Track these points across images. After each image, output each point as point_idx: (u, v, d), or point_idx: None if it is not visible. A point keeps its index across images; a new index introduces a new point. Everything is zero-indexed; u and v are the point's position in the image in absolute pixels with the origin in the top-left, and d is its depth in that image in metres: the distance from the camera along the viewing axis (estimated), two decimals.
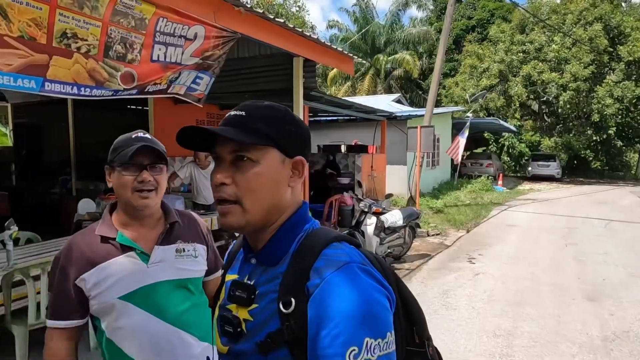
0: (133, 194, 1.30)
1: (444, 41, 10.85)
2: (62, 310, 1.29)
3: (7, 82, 2.85)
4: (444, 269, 6.06)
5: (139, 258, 1.33)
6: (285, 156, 0.83)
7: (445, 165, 16.74)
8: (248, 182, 0.79)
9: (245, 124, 0.80)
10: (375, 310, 0.71)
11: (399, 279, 0.89)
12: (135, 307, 1.29)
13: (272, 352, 0.75)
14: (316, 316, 0.71)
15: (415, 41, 26.52)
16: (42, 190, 8.49)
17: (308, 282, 0.74)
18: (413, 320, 0.88)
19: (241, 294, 0.82)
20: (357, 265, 0.75)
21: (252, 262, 0.86)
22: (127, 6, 3.33)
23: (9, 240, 3.10)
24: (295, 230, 0.84)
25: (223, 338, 0.85)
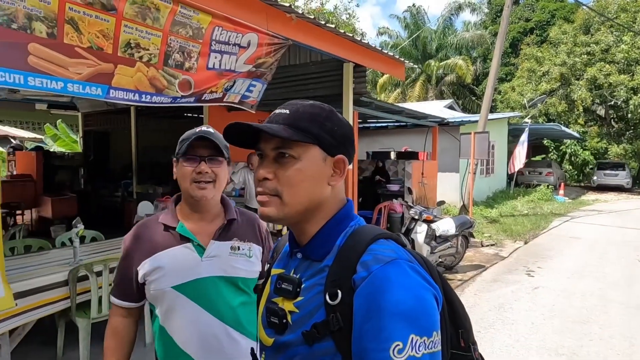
0: (191, 185, 1.34)
1: (500, 44, 10.43)
2: (122, 291, 1.39)
3: (77, 89, 3.04)
4: (499, 282, 5.75)
5: (195, 250, 1.35)
6: (327, 154, 0.84)
7: (500, 173, 16.01)
8: (289, 177, 0.81)
9: (289, 121, 0.82)
10: (423, 307, 0.71)
11: (445, 281, 0.88)
12: (186, 299, 1.32)
13: (317, 342, 0.76)
14: (362, 309, 0.71)
15: (469, 46, 25.76)
16: (107, 193, 9.06)
17: (355, 275, 0.74)
18: (459, 324, 0.87)
19: (287, 287, 0.84)
20: (404, 261, 0.75)
21: (298, 257, 0.88)
22: (186, 16, 3.48)
23: (75, 238, 3.31)
24: (340, 226, 0.85)
25: (268, 330, 0.87)
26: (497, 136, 15.03)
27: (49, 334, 3.50)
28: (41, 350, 3.48)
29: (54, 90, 2.90)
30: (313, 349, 0.76)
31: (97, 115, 9.94)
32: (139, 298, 1.39)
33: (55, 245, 4.09)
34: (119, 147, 9.84)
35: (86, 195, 8.91)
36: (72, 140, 12.48)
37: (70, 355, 3.38)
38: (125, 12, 3.09)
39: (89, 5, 2.89)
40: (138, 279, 1.34)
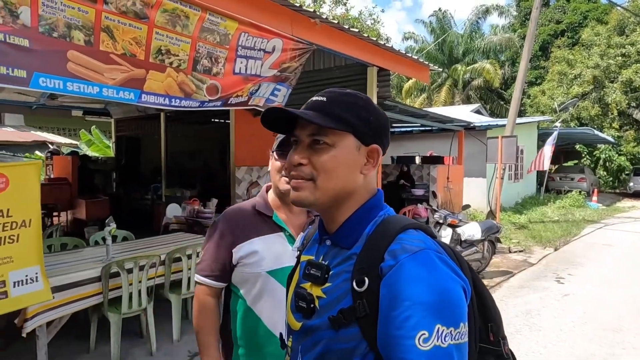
0: (280, 179, 1.40)
1: (529, 47, 10.22)
2: (210, 270, 1.43)
3: (111, 94, 3.19)
4: (527, 288, 5.62)
5: (286, 240, 1.43)
6: (361, 143, 0.85)
7: (530, 178, 15.61)
8: (323, 163, 0.82)
9: (325, 109, 0.83)
10: (450, 298, 0.71)
11: (475, 274, 0.87)
12: (278, 283, 1.39)
13: (343, 327, 0.76)
14: (388, 296, 0.72)
15: (497, 49, 25.33)
16: (137, 196, 9.35)
17: (382, 263, 0.75)
18: (488, 317, 0.86)
19: (315, 273, 0.85)
20: (433, 252, 0.75)
21: (327, 244, 0.89)
22: (214, 23, 3.60)
23: (108, 236, 3.45)
24: (370, 214, 0.86)
25: (297, 314, 0.88)
26: (526, 141, 14.68)
27: (83, 329, 3.65)
28: (75, 344, 3.63)
29: (90, 94, 3.05)
30: (339, 334, 0.77)
31: (129, 121, 10.30)
32: (226, 279, 1.44)
33: (89, 244, 4.27)
34: (149, 151, 10.15)
35: (118, 197, 9.22)
36: (105, 145, 12.96)
37: (102, 349, 3.51)
38: (156, 20, 3.23)
39: (123, 14, 3.04)
40: (232, 260, 1.40)
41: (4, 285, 2.41)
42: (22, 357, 3.32)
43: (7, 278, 2.42)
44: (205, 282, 1.43)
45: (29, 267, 2.53)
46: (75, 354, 3.52)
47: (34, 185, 2.57)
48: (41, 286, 2.61)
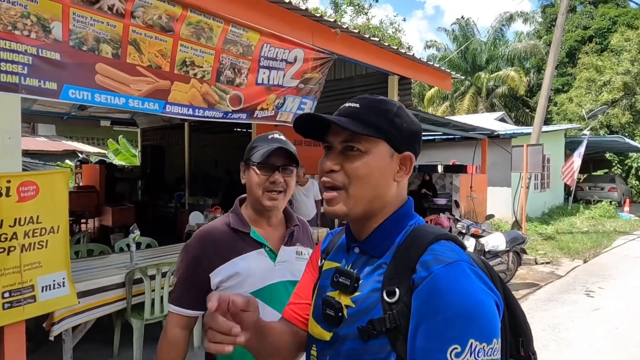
0: (264, 194, 1.33)
1: (555, 53, 10.01)
2: (186, 299, 1.32)
3: (137, 105, 3.27)
4: (554, 301, 5.43)
5: (267, 255, 1.36)
6: (394, 151, 0.84)
7: (557, 188, 15.18)
8: (356, 170, 0.81)
9: (358, 115, 0.82)
10: (484, 312, 0.68)
11: (506, 287, 0.84)
12: (263, 304, 1.28)
13: (372, 338, 0.75)
14: (420, 308, 0.70)
15: (522, 56, 24.90)
16: (161, 204, 9.55)
17: (414, 275, 0.73)
18: (520, 332, 0.84)
19: (345, 281, 0.83)
20: (467, 264, 0.73)
21: (356, 252, 0.87)
22: (236, 35, 3.67)
23: (132, 243, 3.53)
24: (401, 223, 0.84)
25: (323, 324, 0.86)
26: (553, 149, 14.31)
27: (107, 334, 3.73)
28: (99, 349, 3.71)
29: (117, 105, 3.14)
30: (367, 345, 0.75)
31: (154, 130, 10.57)
32: (203, 306, 1.31)
33: (115, 250, 4.38)
34: (173, 160, 10.37)
35: (143, 205, 9.43)
36: (131, 154, 13.31)
37: (125, 354, 3.57)
38: (181, 33, 3.32)
39: (149, 27, 3.14)
40: (211, 285, 1.30)
41: (32, 290, 2.49)
42: None
43: (36, 283, 2.50)
44: (179, 311, 1.31)
45: (56, 272, 2.61)
46: (99, 358, 3.59)
47: (63, 192, 2.65)
48: (67, 291, 2.68)
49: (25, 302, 2.45)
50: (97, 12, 2.82)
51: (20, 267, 2.42)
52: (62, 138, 14.35)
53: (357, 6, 20.71)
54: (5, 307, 2.38)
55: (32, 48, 2.52)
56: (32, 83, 2.53)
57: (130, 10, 2.98)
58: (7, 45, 2.40)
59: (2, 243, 2.35)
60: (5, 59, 2.41)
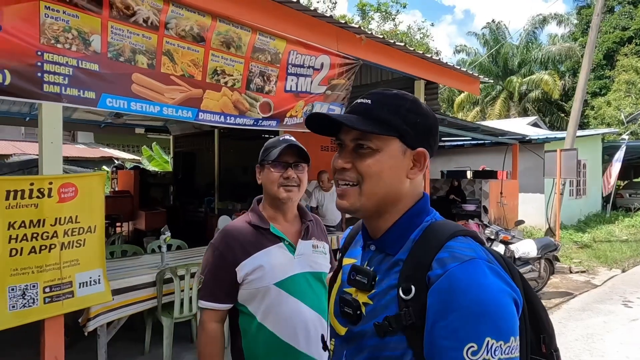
0: (279, 189, 1.44)
1: (589, 55, 9.70)
2: (217, 294, 1.41)
3: (171, 112, 3.41)
4: (589, 311, 5.24)
5: (286, 249, 1.46)
6: (407, 147, 0.82)
7: (594, 194, 14.59)
8: (368, 168, 0.81)
9: (370, 112, 0.81)
10: (501, 310, 0.68)
11: (527, 283, 0.84)
12: (287, 294, 1.40)
13: (388, 335, 0.75)
14: (436, 306, 0.70)
15: (556, 59, 24.14)
16: (192, 208, 9.80)
17: (430, 272, 0.72)
18: (541, 328, 0.83)
19: (361, 279, 0.83)
20: (484, 262, 0.72)
21: (372, 249, 0.87)
22: (264, 43, 3.78)
23: (163, 244, 3.67)
24: (416, 220, 0.83)
25: (341, 319, 0.87)
26: (589, 154, 13.79)
27: (139, 332, 3.88)
28: (131, 346, 3.86)
29: (152, 113, 3.29)
30: (384, 342, 0.76)
31: (186, 137, 10.88)
32: (232, 299, 1.42)
33: (147, 252, 4.55)
34: (203, 166, 10.63)
35: (174, 209, 9.71)
36: (164, 160, 13.74)
37: (155, 352, 3.70)
38: (212, 42, 3.46)
39: (182, 38, 3.29)
40: (237, 279, 1.39)
41: (70, 286, 2.64)
42: (85, 355, 3.57)
43: (74, 279, 2.65)
44: (211, 306, 1.40)
45: (92, 269, 2.75)
46: (131, 355, 3.74)
47: (99, 194, 2.81)
48: (103, 288, 2.82)
49: (64, 297, 2.60)
50: (133, 25, 2.98)
51: (60, 264, 2.58)
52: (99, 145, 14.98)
53: (384, 13, 20.71)
54: (46, 301, 2.53)
55: (72, 60, 2.70)
56: (72, 93, 2.70)
57: (164, 22, 3.13)
58: (50, 57, 2.58)
59: (44, 241, 2.51)
60: (49, 71, 2.59)
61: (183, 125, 10.09)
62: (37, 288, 2.50)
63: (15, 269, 2.43)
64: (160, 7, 3.08)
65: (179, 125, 10.20)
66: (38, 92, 2.55)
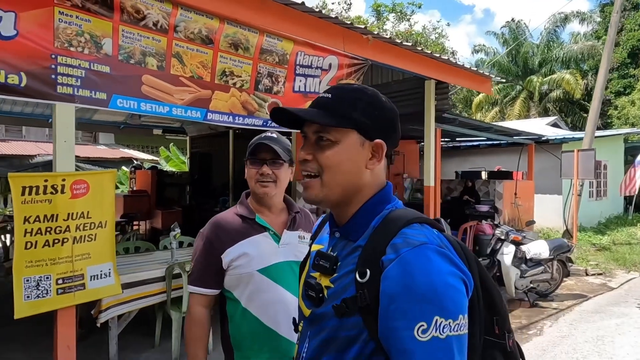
0: (256, 184, 1.52)
1: (608, 53, 9.50)
2: (205, 279, 1.49)
3: (180, 113, 3.51)
4: (602, 313, 5.14)
5: (271, 238, 1.53)
6: (365, 139, 0.86)
7: (615, 196, 14.20)
8: (326, 159, 0.86)
9: (328, 106, 0.86)
10: (447, 291, 0.72)
11: (482, 268, 0.88)
12: (270, 281, 1.47)
13: (346, 316, 0.79)
14: (388, 289, 0.74)
15: (578, 58, 23.58)
16: (207, 208, 9.97)
17: (384, 257, 0.76)
18: (494, 310, 0.87)
19: (324, 264, 0.88)
20: (434, 247, 0.76)
21: (336, 236, 0.92)
22: (271, 44, 3.86)
23: (173, 240, 3.78)
24: (377, 208, 0.88)
25: (307, 302, 0.92)
26: (610, 155, 13.46)
27: (149, 327, 4.00)
28: (142, 340, 3.98)
29: (161, 113, 3.40)
30: (342, 322, 0.80)
31: (202, 138, 11.08)
32: (219, 285, 1.50)
33: (160, 248, 4.68)
34: (219, 166, 10.81)
35: (190, 209, 9.90)
36: (181, 161, 14.02)
37: (165, 346, 3.81)
38: (220, 44, 3.55)
39: (191, 40, 3.39)
40: (222, 265, 1.47)
41: (82, 278, 2.76)
42: (98, 346, 3.71)
43: (85, 272, 2.77)
44: (198, 291, 1.49)
45: (103, 263, 2.87)
46: (141, 348, 3.86)
47: (110, 191, 2.93)
48: (113, 281, 2.94)
49: (75, 289, 2.73)
50: (143, 28, 3.10)
51: (72, 257, 2.70)
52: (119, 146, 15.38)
53: (399, 13, 20.63)
54: (59, 292, 2.66)
55: (85, 62, 2.82)
56: (85, 94, 2.83)
57: (174, 25, 3.24)
58: (63, 60, 2.71)
59: (57, 235, 2.64)
60: (62, 73, 2.72)
61: (199, 126, 10.29)
62: (50, 280, 2.63)
63: (30, 261, 2.56)
64: (169, 11, 3.19)
65: (195, 126, 10.40)
66: (52, 93, 2.69)
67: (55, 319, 2.70)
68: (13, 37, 2.52)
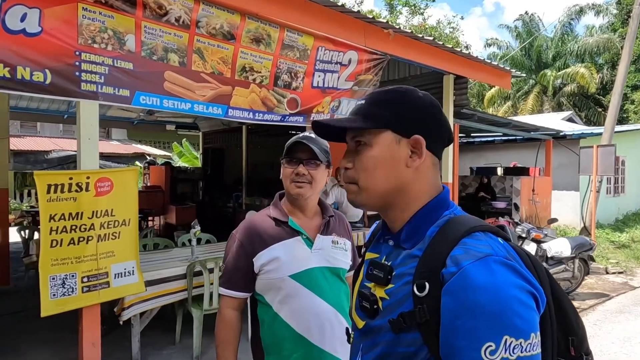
0: (291, 184, 1.48)
1: (630, 47, 9.26)
2: (236, 282, 1.46)
3: (202, 109, 3.48)
4: (627, 313, 5.04)
5: (304, 243, 1.48)
6: (402, 136, 0.83)
7: (634, 193, 13.94)
8: (362, 163, 0.84)
9: (362, 110, 0.86)
10: (516, 308, 0.66)
11: (555, 282, 0.82)
12: (302, 286, 1.43)
13: (403, 331, 0.75)
14: (450, 305, 0.69)
15: (593, 52, 23.14)
16: (220, 203, 9.99)
17: (444, 269, 0.72)
18: (569, 330, 0.81)
19: (378, 273, 0.84)
20: (500, 258, 0.70)
21: (390, 244, 0.88)
22: (292, 39, 3.81)
23: (193, 237, 3.76)
24: (432, 214, 0.83)
25: (360, 313, 0.88)
26: (630, 151, 13.17)
27: (170, 324, 4.00)
28: (163, 336, 3.99)
29: (183, 110, 3.37)
30: (399, 338, 0.76)
31: (215, 133, 11.07)
32: (250, 288, 1.47)
33: (177, 245, 4.68)
34: (232, 162, 10.80)
35: (203, 204, 9.93)
36: (193, 156, 14.04)
37: (186, 343, 3.81)
38: (242, 40, 3.50)
39: (212, 36, 3.35)
40: (254, 269, 1.44)
41: (106, 276, 2.75)
42: (120, 342, 3.72)
43: (110, 270, 2.76)
44: (228, 293, 1.46)
45: (127, 261, 2.86)
46: (162, 345, 3.86)
47: (133, 188, 2.91)
48: (136, 279, 2.92)
49: (100, 287, 2.72)
50: (165, 24, 3.06)
51: (97, 255, 2.69)
52: (132, 142, 15.47)
53: (412, 7, 20.40)
54: (84, 290, 2.65)
55: (108, 59, 2.80)
56: (108, 91, 2.80)
57: (196, 20, 3.20)
58: (87, 57, 2.69)
59: (82, 233, 2.62)
60: (86, 70, 2.69)
61: (212, 122, 10.27)
62: (75, 278, 2.63)
63: (56, 259, 2.56)
64: (191, 6, 3.15)
65: (207, 121, 10.39)
66: (76, 91, 2.67)
67: (80, 317, 2.69)
68: (38, 34, 2.50)
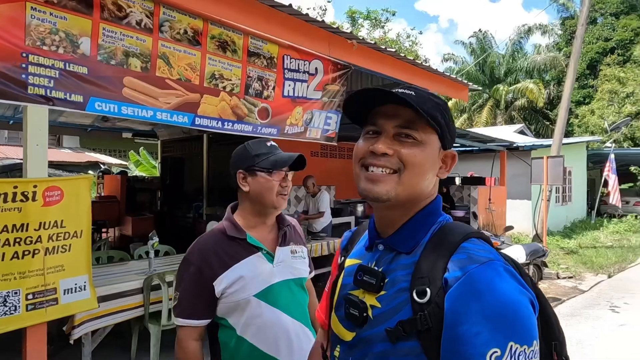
0: (278, 197, 1.41)
1: (574, 64, 9.89)
2: (195, 310, 1.33)
3: (166, 117, 3.32)
4: (577, 316, 5.28)
5: (265, 258, 1.40)
6: (441, 146, 0.82)
7: (579, 201, 14.82)
8: (413, 157, 0.78)
9: (416, 102, 0.76)
10: (522, 313, 0.65)
11: (538, 288, 0.81)
12: (266, 305, 1.35)
13: (401, 341, 0.72)
14: (455, 310, 0.67)
15: (541, 69, 24.60)
16: (180, 214, 9.67)
17: (447, 274, 0.70)
18: (552, 335, 0.80)
19: (369, 280, 0.80)
20: (501, 263, 0.70)
21: (379, 249, 0.84)
22: (257, 47, 3.75)
23: (151, 249, 3.59)
24: (430, 219, 0.81)
25: (347, 322, 0.83)
26: (574, 162, 14.02)
27: (125, 340, 3.78)
28: (117, 354, 3.76)
29: (144, 118, 3.20)
30: (396, 347, 0.72)
31: (174, 142, 10.75)
32: (211, 314, 1.35)
33: (134, 258, 4.45)
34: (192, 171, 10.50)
35: (162, 215, 9.58)
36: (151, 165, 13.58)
37: None
38: (208, 46, 3.40)
39: (177, 41, 3.23)
40: (215, 293, 1.33)
41: (55, 292, 2.55)
42: None
43: (58, 285, 2.57)
44: (189, 323, 1.32)
45: (78, 276, 2.67)
46: None
47: (86, 198, 2.74)
48: (88, 295, 2.74)
49: (47, 304, 2.52)
50: (126, 27, 2.93)
51: (44, 270, 2.50)
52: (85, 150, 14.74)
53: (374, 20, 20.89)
54: (29, 308, 2.45)
55: (59, 62, 2.63)
56: (59, 95, 2.64)
57: (158, 24, 3.08)
58: (35, 59, 2.52)
59: (27, 246, 2.43)
60: (34, 73, 2.52)
61: (171, 130, 9.98)
62: (19, 295, 2.42)
63: None
64: (151, 9, 3.04)
65: (166, 129, 10.08)
66: (23, 94, 2.49)
67: (24, 337, 2.48)
68: None
